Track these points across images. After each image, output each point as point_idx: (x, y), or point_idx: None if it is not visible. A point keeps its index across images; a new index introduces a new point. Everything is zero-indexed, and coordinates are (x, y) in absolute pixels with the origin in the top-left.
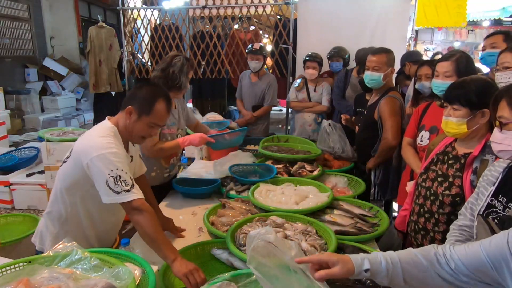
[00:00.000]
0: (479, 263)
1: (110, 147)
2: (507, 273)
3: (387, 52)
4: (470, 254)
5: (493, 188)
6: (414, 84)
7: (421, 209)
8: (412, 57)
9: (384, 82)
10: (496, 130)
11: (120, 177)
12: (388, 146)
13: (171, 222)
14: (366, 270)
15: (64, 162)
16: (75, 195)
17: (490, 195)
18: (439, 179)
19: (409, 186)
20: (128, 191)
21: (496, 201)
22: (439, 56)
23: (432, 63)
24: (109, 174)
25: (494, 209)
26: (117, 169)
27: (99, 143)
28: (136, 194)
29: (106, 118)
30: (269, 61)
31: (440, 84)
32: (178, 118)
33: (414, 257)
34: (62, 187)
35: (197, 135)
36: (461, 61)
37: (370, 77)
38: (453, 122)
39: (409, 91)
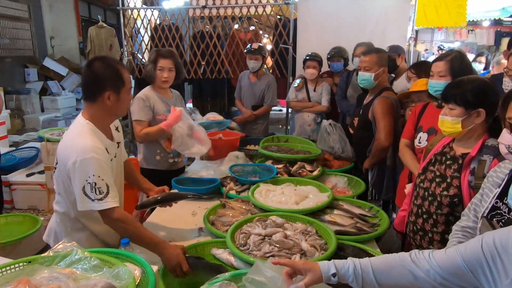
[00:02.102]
0: (455, 267)
1: (87, 151)
2: (483, 278)
3: (378, 52)
4: (448, 259)
5: (499, 190)
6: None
7: (419, 210)
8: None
9: (376, 82)
10: (505, 132)
11: (95, 184)
12: (381, 147)
13: (147, 184)
14: (334, 275)
15: (55, 168)
16: (72, 196)
17: (495, 197)
18: (437, 179)
19: (408, 188)
20: (101, 199)
21: (501, 203)
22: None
23: (412, 66)
24: (87, 181)
25: (499, 211)
26: (93, 175)
27: (78, 147)
28: (110, 203)
29: (80, 113)
30: (269, 61)
31: (434, 84)
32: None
33: (388, 257)
34: (61, 190)
35: (173, 116)
36: (455, 61)
37: (361, 77)
38: (448, 121)
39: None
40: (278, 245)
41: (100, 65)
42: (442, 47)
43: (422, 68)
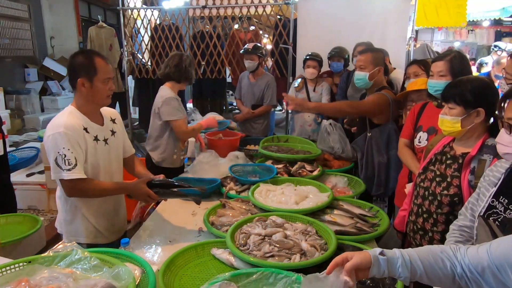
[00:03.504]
0: (484, 265)
1: (59, 127)
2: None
3: (373, 51)
4: (478, 256)
5: (495, 189)
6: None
7: (420, 209)
8: None
9: (372, 81)
10: (503, 132)
11: (65, 155)
12: (341, 109)
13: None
14: (381, 254)
15: None
16: None
17: (491, 196)
18: (437, 179)
19: (408, 188)
20: (69, 170)
21: (497, 202)
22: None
23: (421, 62)
24: (58, 153)
25: (495, 210)
26: (63, 148)
27: (53, 124)
28: (77, 174)
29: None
30: (269, 61)
31: (434, 84)
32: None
33: (431, 248)
34: None
35: (210, 118)
36: (455, 60)
37: (357, 76)
38: (448, 120)
39: None
40: (278, 245)
41: (78, 56)
42: (498, 48)
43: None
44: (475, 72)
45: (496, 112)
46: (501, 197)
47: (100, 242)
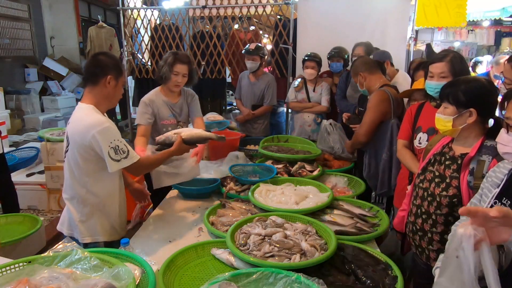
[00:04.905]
0: None
1: (102, 122)
2: None
3: (353, 63)
4: None
5: (497, 190)
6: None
7: (419, 210)
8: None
9: (366, 87)
10: (503, 132)
11: (118, 146)
12: (358, 142)
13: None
14: None
15: (66, 151)
16: (87, 176)
17: (494, 197)
18: (437, 180)
19: (410, 189)
20: (126, 157)
21: (499, 203)
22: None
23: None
24: (109, 146)
25: None
26: (114, 140)
27: (92, 122)
28: (134, 157)
29: (79, 102)
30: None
31: (435, 85)
32: (179, 112)
33: None
34: (72, 172)
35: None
36: (455, 61)
37: (358, 88)
38: (442, 119)
39: None
40: (278, 245)
41: (104, 56)
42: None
43: None
44: (472, 72)
45: (498, 111)
46: (504, 198)
47: (115, 238)
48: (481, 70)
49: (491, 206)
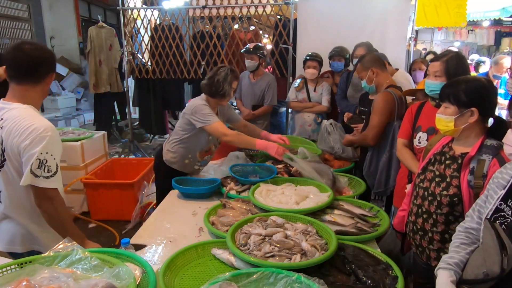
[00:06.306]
0: None
1: (48, 129)
2: None
3: (361, 58)
4: None
5: (503, 191)
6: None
7: (419, 210)
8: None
9: (373, 84)
10: (510, 133)
11: (46, 161)
12: (365, 143)
13: None
14: None
15: (3, 161)
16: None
17: (499, 199)
18: (437, 179)
19: (408, 189)
20: (47, 178)
21: (505, 205)
22: (431, 56)
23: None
24: (37, 157)
25: (502, 214)
26: (47, 153)
27: (36, 126)
28: (55, 183)
29: (1, 101)
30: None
31: (430, 84)
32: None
33: None
34: (11, 183)
35: (275, 145)
36: (451, 62)
37: (362, 85)
38: (443, 119)
39: None
40: (278, 245)
41: (43, 47)
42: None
43: None
44: (472, 72)
45: (506, 111)
46: (510, 200)
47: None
48: (483, 70)
49: (496, 208)
